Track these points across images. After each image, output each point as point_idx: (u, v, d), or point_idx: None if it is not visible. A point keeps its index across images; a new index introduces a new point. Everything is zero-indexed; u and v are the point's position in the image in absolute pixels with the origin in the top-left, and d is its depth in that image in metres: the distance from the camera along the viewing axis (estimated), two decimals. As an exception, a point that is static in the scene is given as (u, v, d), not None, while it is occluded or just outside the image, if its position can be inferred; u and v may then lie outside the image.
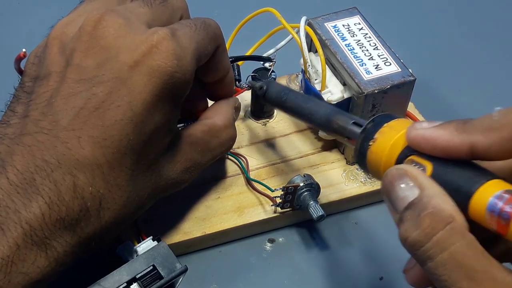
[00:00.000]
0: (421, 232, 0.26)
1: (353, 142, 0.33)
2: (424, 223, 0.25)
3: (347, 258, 0.44)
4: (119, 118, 0.32)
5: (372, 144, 0.30)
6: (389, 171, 0.28)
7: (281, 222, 0.45)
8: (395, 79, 0.43)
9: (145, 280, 0.35)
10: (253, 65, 0.48)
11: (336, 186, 0.46)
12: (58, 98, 0.32)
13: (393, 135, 0.29)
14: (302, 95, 0.40)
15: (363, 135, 0.30)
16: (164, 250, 0.36)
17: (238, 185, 0.46)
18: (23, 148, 0.31)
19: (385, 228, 0.45)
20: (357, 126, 0.33)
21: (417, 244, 0.26)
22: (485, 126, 0.26)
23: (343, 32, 0.46)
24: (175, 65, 0.33)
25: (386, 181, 0.28)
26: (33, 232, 0.29)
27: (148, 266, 0.35)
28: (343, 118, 0.34)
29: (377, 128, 0.30)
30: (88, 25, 0.34)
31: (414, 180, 0.27)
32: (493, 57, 0.60)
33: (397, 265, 0.43)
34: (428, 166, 0.27)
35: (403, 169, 0.27)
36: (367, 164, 0.30)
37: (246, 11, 0.48)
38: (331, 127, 0.35)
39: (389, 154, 0.29)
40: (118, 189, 0.33)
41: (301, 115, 0.39)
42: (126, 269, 0.34)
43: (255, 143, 0.49)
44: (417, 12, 0.66)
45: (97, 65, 0.33)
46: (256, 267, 0.43)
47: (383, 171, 0.29)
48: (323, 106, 0.38)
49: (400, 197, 0.27)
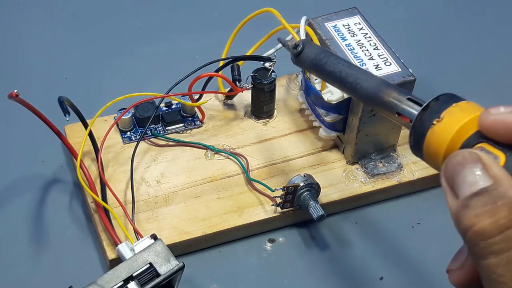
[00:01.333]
0: (494, 222, 0.22)
1: (406, 120, 0.30)
2: (501, 212, 0.22)
3: (347, 258, 0.44)
4: None
5: (437, 123, 0.27)
6: (460, 152, 0.25)
7: (281, 222, 0.45)
8: (395, 79, 0.43)
9: (142, 278, 0.35)
10: (253, 65, 0.48)
11: (336, 186, 0.46)
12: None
13: (463, 117, 0.26)
14: (345, 60, 0.35)
15: (425, 112, 0.28)
16: (161, 248, 0.36)
17: (238, 185, 0.46)
18: None
19: (385, 228, 0.45)
20: (413, 103, 0.30)
21: (485, 234, 0.23)
22: None
23: (343, 32, 0.46)
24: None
25: (454, 161, 0.25)
26: None
27: (145, 264, 0.35)
28: (396, 92, 0.31)
29: (444, 106, 0.27)
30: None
31: (488, 168, 0.24)
32: (493, 57, 0.60)
33: (397, 265, 0.44)
34: (501, 157, 0.25)
35: (477, 153, 0.24)
36: (424, 146, 0.27)
37: (246, 11, 0.48)
38: (380, 100, 0.31)
39: (456, 137, 0.26)
40: None
41: (343, 82, 0.34)
42: (123, 267, 0.34)
43: (255, 143, 0.49)
44: (417, 12, 0.66)
45: None
46: (256, 267, 0.43)
47: (445, 155, 0.26)
48: (370, 75, 0.34)
49: (470, 182, 0.24)
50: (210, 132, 0.49)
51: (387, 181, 0.46)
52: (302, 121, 0.51)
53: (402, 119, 0.30)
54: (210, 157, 0.48)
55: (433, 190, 0.48)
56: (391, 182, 0.46)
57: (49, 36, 0.59)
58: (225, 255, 0.44)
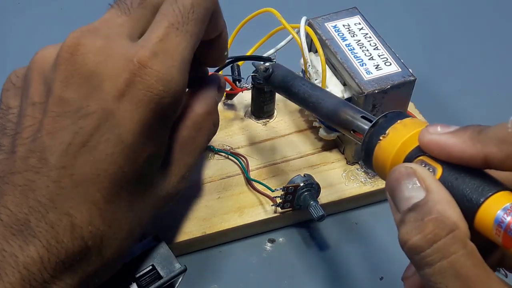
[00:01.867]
0: (422, 237, 0.25)
1: (359, 136, 0.32)
2: (427, 228, 0.25)
3: (347, 258, 0.44)
4: (110, 152, 0.30)
5: (383, 139, 0.29)
6: (397, 168, 0.27)
7: (281, 222, 0.45)
8: (395, 79, 0.43)
9: (144, 280, 0.35)
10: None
11: (336, 186, 0.46)
12: (44, 133, 0.30)
13: (405, 133, 0.28)
14: (309, 82, 0.38)
15: (374, 128, 0.30)
16: (163, 250, 0.36)
17: (238, 185, 0.46)
18: (14, 188, 0.29)
19: (385, 228, 0.45)
20: (366, 120, 0.32)
21: (417, 249, 0.25)
22: (499, 137, 0.25)
23: (343, 32, 0.46)
24: (161, 92, 0.31)
25: (392, 178, 0.27)
26: (32, 277, 0.28)
27: (147, 266, 0.35)
28: (352, 110, 0.33)
29: (389, 123, 0.29)
30: (65, 51, 0.31)
31: (422, 181, 0.26)
32: (493, 57, 0.60)
33: (397, 265, 0.43)
34: (438, 169, 0.27)
35: (412, 168, 0.27)
36: (373, 160, 0.29)
37: (246, 11, 0.48)
38: (337, 118, 0.34)
39: (399, 151, 0.28)
40: (119, 223, 0.32)
41: (306, 102, 0.37)
42: (125, 268, 0.34)
43: (255, 143, 0.49)
44: (417, 12, 0.66)
45: (80, 96, 0.30)
46: (256, 267, 0.43)
47: (390, 168, 0.28)
48: (331, 96, 0.36)
49: (405, 197, 0.26)
50: (210, 132, 0.49)
51: (387, 181, 0.46)
52: (302, 121, 0.51)
53: (357, 135, 0.33)
54: (210, 157, 0.48)
55: (433, 190, 0.48)
56: (391, 182, 0.46)
57: (49, 36, 0.59)
58: (225, 255, 0.44)
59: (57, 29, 0.60)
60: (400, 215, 0.27)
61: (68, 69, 0.31)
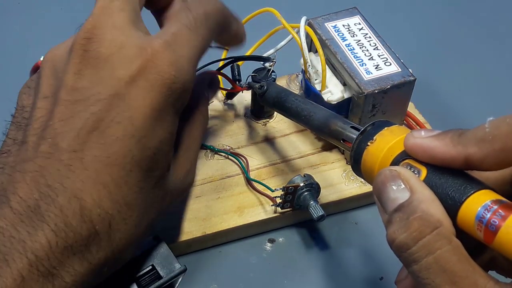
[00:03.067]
0: (408, 235, 0.26)
1: (349, 145, 0.34)
2: (412, 226, 0.26)
3: (347, 258, 0.44)
4: (120, 135, 0.31)
5: (371, 144, 0.30)
6: (382, 171, 0.28)
7: (281, 222, 0.45)
8: (395, 79, 0.43)
9: (144, 280, 0.35)
10: (253, 65, 0.48)
11: (336, 186, 0.46)
12: (56, 120, 0.31)
13: (392, 138, 0.30)
14: (301, 97, 0.41)
15: (362, 136, 0.31)
16: (163, 250, 0.36)
17: (238, 185, 0.46)
18: (25, 174, 0.30)
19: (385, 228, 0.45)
20: (354, 130, 0.34)
21: (404, 247, 0.26)
22: (478, 138, 0.26)
23: (343, 32, 0.46)
24: (172, 77, 0.33)
25: (378, 181, 0.28)
26: (39, 263, 0.28)
27: (147, 266, 0.35)
28: (341, 122, 0.36)
29: (377, 130, 0.31)
30: (77, 47, 0.33)
31: (406, 182, 0.27)
32: (493, 57, 0.60)
33: (397, 265, 0.43)
34: (423, 171, 0.28)
35: (396, 170, 0.28)
36: (362, 165, 0.31)
37: (246, 11, 0.47)
38: (327, 129, 0.36)
39: (386, 156, 0.29)
40: (128, 209, 0.32)
41: (298, 116, 0.40)
42: (125, 268, 0.34)
43: (255, 143, 0.49)
44: (417, 12, 0.66)
45: (92, 85, 0.32)
46: (256, 267, 0.43)
47: (377, 172, 0.29)
48: (321, 109, 0.39)
49: (391, 198, 0.28)
50: (210, 132, 0.49)
51: (387, 181, 0.46)
52: (302, 121, 0.51)
53: (346, 144, 0.34)
54: (210, 157, 0.48)
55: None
56: (391, 182, 0.46)
57: (49, 36, 0.59)
58: (225, 255, 0.44)
59: (57, 29, 0.60)
60: (387, 216, 0.28)
61: (82, 62, 0.32)
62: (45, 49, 0.35)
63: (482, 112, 0.53)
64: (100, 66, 0.32)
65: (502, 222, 0.24)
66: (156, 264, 0.35)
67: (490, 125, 0.26)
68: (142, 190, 0.33)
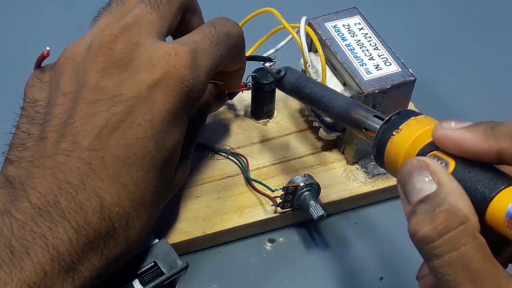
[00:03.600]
0: (433, 228, 0.25)
1: (371, 134, 0.32)
2: (438, 219, 0.25)
3: (347, 258, 0.44)
4: (141, 136, 0.32)
5: (396, 134, 0.29)
6: (409, 161, 0.27)
7: (281, 222, 0.45)
8: (395, 79, 0.43)
9: (146, 276, 0.35)
10: (253, 65, 0.48)
11: (336, 186, 0.46)
12: (77, 118, 0.32)
13: (419, 128, 0.29)
14: (320, 84, 0.40)
15: (387, 125, 0.30)
16: (165, 247, 0.36)
17: (238, 185, 0.46)
18: (44, 170, 0.30)
19: (385, 228, 0.45)
20: (377, 119, 0.33)
21: (427, 240, 0.25)
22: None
23: (343, 32, 0.46)
24: (191, 85, 0.34)
25: (404, 170, 0.27)
26: (61, 258, 0.29)
27: (150, 263, 0.35)
28: (364, 110, 0.34)
29: (403, 120, 0.29)
30: (102, 45, 0.33)
31: (434, 174, 0.26)
32: (493, 57, 0.60)
33: (397, 265, 0.44)
34: (451, 163, 0.27)
35: (424, 161, 0.27)
36: (385, 155, 0.30)
37: (246, 11, 0.48)
38: (349, 117, 0.35)
39: (412, 146, 0.28)
40: (143, 207, 0.33)
41: (318, 103, 0.38)
42: (127, 265, 0.35)
43: (255, 143, 0.49)
44: (417, 12, 0.66)
45: (115, 85, 0.33)
46: (256, 267, 0.43)
47: (402, 163, 0.28)
48: (342, 96, 0.37)
49: (417, 189, 0.26)
50: (210, 132, 0.49)
51: (387, 181, 0.46)
52: (302, 121, 0.51)
53: (368, 133, 0.33)
54: (210, 157, 0.48)
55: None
56: (391, 182, 0.46)
57: (49, 36, 0.59)
58: (225, 255, 0.44)
59: (57, 29, 0.60)
60: (410, 206, 0.27)
61: (106, 61, 0.33)
62: (45, 49, 0.36)
63: (482, 112, 0.53)
64: (124, 67, 0.33)
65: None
66: (158, 260, 0.35)
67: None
68: (156, 189, 0.34)
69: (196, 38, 0.36)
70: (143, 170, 0.32)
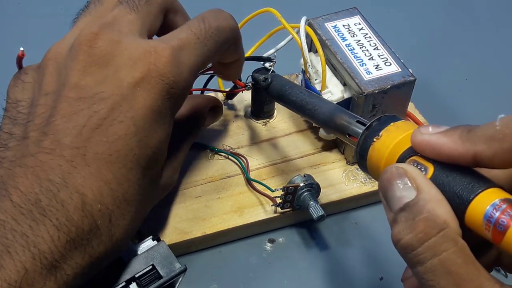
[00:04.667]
0: (414, 236, 0.26)
1: (355, 140, 0.33)
2: (418, 227, 0.26)
3: (347, 258, 0.44)
4: (122, 133, 0.32)
5: (376, 140, 0.30)
6: (388, 169, 0.28)
7: (281, 222, 0.45)
8: (395, 79, 0.43)
9: (144, 280, 0.35)
10: (253, 65, 0.48)
11: (336, 186, 0.46)
12: (58, 117, 0.32)
13: (398, 134, 0.29)
14: (306, 90, 0.40)
15: (368, 131, 0.30)
16: (163, 250, 0.36)
17: (238, 185, 0.46)
18: (25, 169, 0.30)
19: (385, 228, 0.45)
20: (360, 125, 0.33)
21: (409, 248, 0.26)
22: (488, 135, 0.26)
23: (343, 32, 0.46)
24: (171, 82, 0.34)
25: (384, 179, 0.28)
26: (42, 256, 0.28)
27: (147, 266, 0.35)
28: (347, 116, 0.35)
29: (383, 126, 0.30)
30: (83, 44, 0.33)
31: (412, 180, 0.27)
32: (493, 57, 0.60)
33: (397, 265, 0.43)
34: (430, 168, 0.27)
35: (403, 168, 0.27)
36: (368, 161, 0.30)
37: (246, 11, 0.48)
38: (333, 123, 0.36)
39: (392, 152, 0.29)
40: (127, 205, 0.33)
41: (303, 110, 0.39)
42: (125, 268, 0.34)
43: (255, 143, 0.49)
44: (417, 12, 0.66)
45: (96, 83, 0.33)
46: (256, 267, 0.43)
47: (383, 168, 0.28)
48: (326, 103, 0.38)
49: (397, 197, 0.27)
50: (210, 132, 0.49)
51: (387, 181, 0.46)
52: (302, 121, 0.51)
53: (352, 139, 0.34)
54: (210, 157, 0.48)
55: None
56: (391, 182, 0.46)
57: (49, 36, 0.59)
58: (225, 255, 0.44)
59: (57, 29, 0.60)
60: (392, 214, 0.27)
61: (86, 59, 0.33)
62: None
63: (482, 112, 0.53)
64: (105, 64, 0.33)
65: (511, 222, 0.24)
66: (156, 263, 0.35)
67: (501, 122, 0.25)
68: (140, 187, 0.34)
69: (182, 35, 0.35)
70: (125, 167, 0.32)
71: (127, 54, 0.33)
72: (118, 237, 0.32)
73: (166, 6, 0.38)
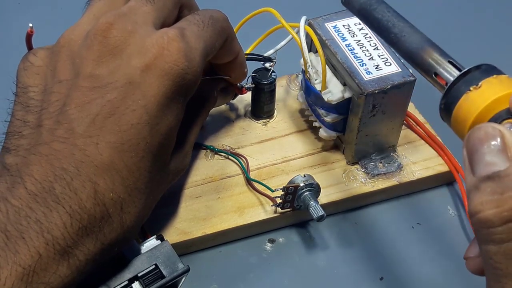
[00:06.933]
0: (497, 213, 0.23)
1: (442, 82, 0.29)
2: (505, 204, 0.23)
3: (347, 258, 0.44)
4: (135, 122, 0.33)
5: (474, 90, 0.26)
6: (483, 126, 0.24)
7: (281, 222, 0.45)
8: (395, 79, 0.43)
9: (147, 279, 0.35)
10: (253, 65, 0.48)
11: (336, 186, 0.46)
12: (72, 106, 0.32)
13: (500, 90, 0.25)
14: (394, 11, 0.35)
15: (464, 77, 0.27)
16: (167, 250, 0.36)
17: (239, 185, 0.46)
18: (40, 157, 0.31)
19: (385, 228, 0.45)
20: (453, 66, 0.30)
21: (488, 223, 0.23)
22: None
23: (343, 32, 0.46)
24: (185, 67, 0.34)
25: (475, 137, 0.24)
26: (55, 241, 0.29)
27: (150, 265, 0.35)
28: (438, 53, 0.31)
29: (484, 75, 0.26)
30: (98, 34, 0.34)
31: (508, 149, 0.24)
32: (493, 57, 0.60)
33: (397, 265, 0.44)
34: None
35: (500, 131, 0.24)
36: (454, 111, 0.26)
37: (246, 11, 0.47)
38: (419, 57, 0.31)
39: (488, 108, 0.25)
40: (138, 192, 0.33)
41: (388, 32, 0.34)
42: (128, 267, 0.34)
43: (255, 143, 0.49)
44: (417, 12, 0.65)
45: (109, 72, 0.33)
46: (256, 267, 0.43)
47: (472, 124, 0.25)
48: (416, 31, 0.34)
49: (485, 161, 0.24)
50: (210, 132, 0.49)
51: (387, 182, 0.46)
52: (302, 121, 0.51)
53: (440, 80, 0.29)
54: (210, 157, 0.48)
55: (433, 190, 0.48)
56: (391, 183, 0.46)
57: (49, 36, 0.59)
58: (225, 255, 0.44)
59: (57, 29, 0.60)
60: (475, 179, 0.24)
61: (101, 49, 0.34)
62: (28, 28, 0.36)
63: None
64: (118, 54, 0.34)
65: None
66: (159, 263, 0.35)
67: None
68: (150, 174, 0.34)
69: (183, 25, 0.36)
70: (137, 156, 0.33)
71: (140, 43, 0.34)
72: (129, 224, 0.33)
73: (181, 1, 0.39)
